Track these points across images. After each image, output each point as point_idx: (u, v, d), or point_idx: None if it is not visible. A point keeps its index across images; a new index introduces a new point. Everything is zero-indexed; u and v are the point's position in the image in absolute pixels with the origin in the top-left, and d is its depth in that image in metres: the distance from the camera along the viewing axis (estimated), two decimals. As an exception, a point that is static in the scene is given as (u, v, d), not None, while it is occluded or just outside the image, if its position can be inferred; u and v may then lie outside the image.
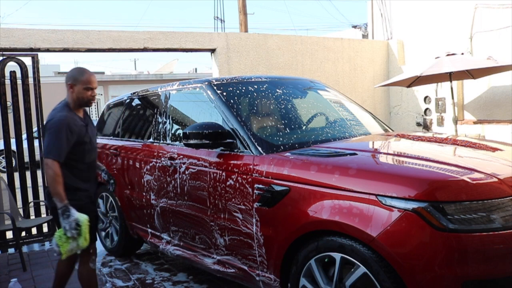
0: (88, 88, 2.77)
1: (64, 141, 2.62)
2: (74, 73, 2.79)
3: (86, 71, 2.81)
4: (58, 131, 2.62)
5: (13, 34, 5.55)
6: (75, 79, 2.76)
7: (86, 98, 2.79)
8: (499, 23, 6.91)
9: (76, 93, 2.77)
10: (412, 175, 2.06)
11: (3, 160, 12.16)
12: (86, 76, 2.77)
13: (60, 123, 2.63)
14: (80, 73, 2.78)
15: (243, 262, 2.77)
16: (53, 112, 2.76)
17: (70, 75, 2.78)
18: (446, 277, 1.87)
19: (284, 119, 3.17)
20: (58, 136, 2.61)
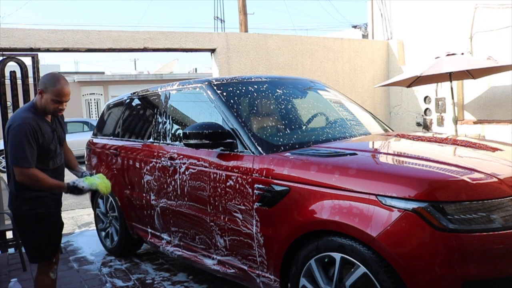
0: (56, 101, 2.55)
1: (31, 147, 2.46)
2: (46, 80, 2.55)
3: (59, 81, 2.55)
4: (21, 137, 2.44)
5: (13, 34, 5.55)
6: (46, 86, 2.54)
7: (51, 109, 2.58)
8: (499, 23, 6.91)
9: (44, 101, 2.56)
10: (412, 175, 2.06)
11: (3, 160, 12.16)
12: (58, 87, 2.53)
13: (22, 128, 2.45)
14: (52, 82, 2.53)
15: (243, 262, 2.77)
16: (17, 112, 2.59)
17: (43, 81, 2.56)
18: (446, 277, 1.87)
19: (284, 119, 3.17)
20: (22, 142, 2.44)
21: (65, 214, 6.47)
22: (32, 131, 2.47)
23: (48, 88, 2.52)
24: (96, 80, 21.68)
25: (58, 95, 2.53)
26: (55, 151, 2.67)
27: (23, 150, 2.44)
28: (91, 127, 13.65)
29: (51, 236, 2.69)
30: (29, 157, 2.45)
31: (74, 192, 2.59)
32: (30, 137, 2.46)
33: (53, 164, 2.68)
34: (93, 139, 4.91)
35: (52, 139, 2.62)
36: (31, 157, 2.46)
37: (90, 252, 4.53)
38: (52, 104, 2.55)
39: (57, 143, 2.69)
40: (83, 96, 21.15)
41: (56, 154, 2.69)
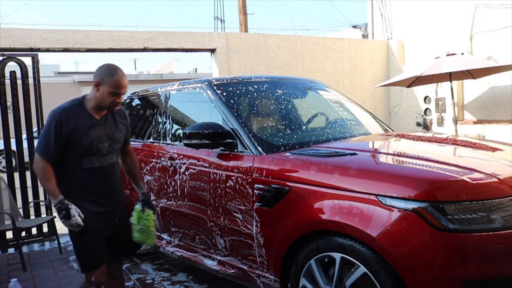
0: (113, 93, 2.35)
1: (51, 137, 2.30)
2: (103, 71, 2.37)
3: (117, 72, 2.37)
4: (48, 124, 2.33)
5: (13, 34, 5.55)
6: (102, 78, 2.35)
7: (108, 103, 2.38)
8: (499, 23, 6.91)
9: (100, 94, 2.36)
10: (412, 175, 2.06)
11: (3, 160, 12.16)
12: (116, 78, 2.35)
13: (52, 116, 2.33)
14: (110, 73, 2.35)
15: (243, 263, 2.77)
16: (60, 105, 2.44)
17: (99, 73, 2.38)
18: (446, 277, 1.87)
19: (284, 119, 3.17)
20: (46, 131, 2.33)
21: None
22: (60, 122, 2.31)
23: (105, 80, 2.34)
24: (96, 80, 21.65)
25: (116, 87, 2.35)
26: (93, 148, 2.39)
27: (43, 138, 2.33)
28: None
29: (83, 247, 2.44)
30: (44, 147, 2.32)
31: (59, 214, 2.28)
32: (54, 128, 2.31)
33: (89, 164, 2.39)
34: (93, 139, 4.90)
35: (86, 134, 2.37)
36: (46, 148, 2.32)
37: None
38: (109, 97, 2.36)
39: (98, 140, 2.41)
40: (83, 96, 21.13)
41: (94, 152, 2.40)
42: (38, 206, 5.08)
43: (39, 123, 5.04)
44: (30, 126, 5.05)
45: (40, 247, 4.89)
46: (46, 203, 5.01)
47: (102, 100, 2.38)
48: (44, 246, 4.91)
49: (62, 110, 2.35)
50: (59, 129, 2.31)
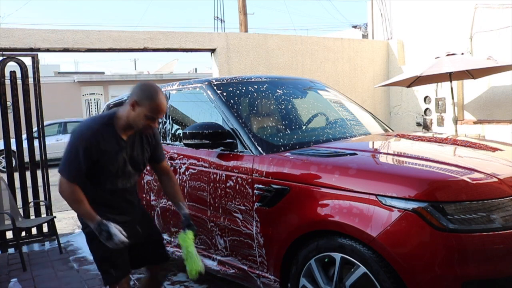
0: (150, 117, 2.19)
1: (80, 162, 2.17)
2: (143, 91, 2.20)
3: (158, 95, 2.19)
4: (76, 146, 2.17)
5: (13, 34, 5.55)
6: (142, 99, 2.17)
7: (141, 126, 2.23)
8: (499, 23, 6.91)
9: (135, 115, 2.19)
10: (412, 175, 2.06)
11: (3, 160, 12.16)
12: (157, 102, 2.17)
13: (81, 137, 2.17)
14: (150, 95, 2.18)
15: (243, 263, 2.77)
16: (90, 118, 2.31)
17: (138, 92, 2.21)
18: (446, 277, 1.87)
19: (284, 119, 3.17)
20: (73, 153, 2.17)
21: (65, 214, 6.47)
22: (90, 146, 2.17)
23: (144, 102, 2.17)
24: (96, 80, 21.67)
25: (154, 112, 2.18)
26: (118, 172, 2.30)
27: (69, 161, 2.19)
28: (91, 127, 13.63)
29: (103, 259, 2.39)
30: (72, 171, 2.19)
31: (101, 235, 2.15)
32: (84, 152, 2.16)
33: (112, 185, 2.31)
34: (93, 139, 4.90)
35: (114, 159, 2.26)
36: (74, 172, 2.19)
37: (90, 252, 4.52)
38: (145, 120, 2.20)
39: (124, 165, 2.31)
40: (83, 96, 21.15)
41: (118, 175, 2.31)
42: (38, 206, 5.08)
43: (39, 123, 5.04)
44: (30, 126, 5.05)
45: (40, 247, 4.89)
46: (46, 203, 5.01)
47: (136, 122, 2.22)
48: (44, 246, 4.91)
49: (92, 132, 2.19)
50: (88, 153, 2.17)
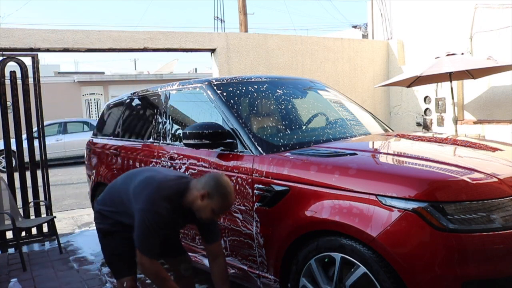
0: (216, 213, 2.29)
1: (157, 237, 2.25)
2: (217, 187, 2.26)
3: (230, 196, 2.29)
4: (153, 227, 2.22)
5: (13, 34, 5.55)
6: (213, 194, 2.25)
7: (204, 217, 2.32)
8: (499, 23, 6.91)
9: (202, 205, 2.28)
10: (412, 175, 2.06)
11: (3, 160, 12.17)
12: (227, 203, 2.28)
13: (156, 220, 2.22)
14: (223, 195, 2.26)
15: (243, 263, 2.77)
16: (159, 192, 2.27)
17: (212, 186, 2.26)
18: (446, 277, 1.87)
19: (284, 119, 3.17)
20: (152, 232, 2.23)
21: (65, 214, 6.47)
22: (164, 226, 2.27)
23: (214, 198, 2.25)
24: (96, 80, 21.68)
25: (222, 210, 2.30)
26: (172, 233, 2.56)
27: (149, 240, 2.23)
28: (91, 127, 13.67)
29: (113, 256, 2.54)
30: (153, 249, 2.25)
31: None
32: (160, 228, 2.25)
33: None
34: (93, 139, 4.91)
35: (174, 229, 2.50)
36: (154, 249, 2.26)
37: (90, 252, 4.53)
38: (210, 213, 2.29)
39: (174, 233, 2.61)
40: (83, 96, 21.16)
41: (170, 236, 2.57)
42: (38, 206, 5.08)
43: (39, 123, 5.04)
44: (30, 126, 5.05)
45: (40, 247, 4.89)
46: (46, 203, 5.01)
47: (200, 212, 2.31)
48: (44, 246, 4.91)
49: (167, 211, 2.25)
50: (162, 228, 2.27)
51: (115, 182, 2.62)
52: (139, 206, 2.25)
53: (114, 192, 2.55)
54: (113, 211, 2.50)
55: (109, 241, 2.54)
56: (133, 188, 2.36)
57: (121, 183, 2.55)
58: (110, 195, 2.56)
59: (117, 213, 2.48)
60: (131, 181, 2.44)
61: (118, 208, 2.48)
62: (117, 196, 2.49)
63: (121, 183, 2.55)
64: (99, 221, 2.57)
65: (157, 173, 2.43)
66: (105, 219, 2.54)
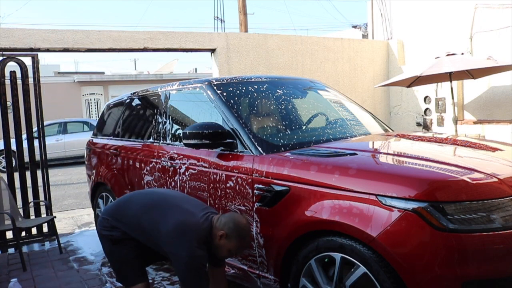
0: (232, 253, 2.40)
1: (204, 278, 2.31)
2: (237, 230, 2.33)
3: (247, 238, 2.40)
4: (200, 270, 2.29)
5: (13, 34, 5.55)
6: (233, 236, 2.33)
7: (219, 255, 2.43)
8: (499, 23, 6.91)
9: (219, 244, 2.35)
10: (412, 175, 2.06)
11: (3, 160, 12.17)
12: (244, 244, 2.39)
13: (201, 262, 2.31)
14: (242, 237, 2.35)
15: (243, 263, 2.77)
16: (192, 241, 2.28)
17: (232, 227, 2.33)
18: (446, 277, 1.87)
19: (284, 119, 3.17)
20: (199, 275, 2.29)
21: (65, 214, 6.47)
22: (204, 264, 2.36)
23: (233, 239, 2.33)
24: (96, 80, 21.68)
25: (238, 250, 2.40)
26: None
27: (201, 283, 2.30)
28: (91, 127, 13.66)
29: (122, 263, 2.54)
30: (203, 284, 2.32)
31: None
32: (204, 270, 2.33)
33: None
34: (93, 139, 4.91)
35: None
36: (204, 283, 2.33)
37: (90, 252, 4.53)
38: (227, 253, 2.39)
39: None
40: (83, 96, 21.15)
41: None
42: (38, 206, 5.08)
43: (39, 123, 5.04)
44: (30, 126, 5.05)
45: (40, 247, 4.89)
46: (46, 203, 5.01)
47: (217, 250, 2.38)
48: (44, 246, 4.91)
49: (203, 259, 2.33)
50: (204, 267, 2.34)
51: (130, 202, 2.55)
52: (180, 254, 2.27)
53: (131, 215, 2.48)
54: (127, 231, 2.47)
55: (119, 248, 2.50)
56: (166, 233, 2.33)
57: (141, 209, 2.47)
58: (124, 214, 2.50)
59: (134, 234, 2.46)
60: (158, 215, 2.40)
61: (135, 232, 2.45)
62: (136, 221, 2.44)
63: (141, 209, 2.47)
64: (108, 229, 2.51)
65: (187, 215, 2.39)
66: (115, 229, 2.50)
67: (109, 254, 2.58)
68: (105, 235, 2.53)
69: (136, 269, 2.53)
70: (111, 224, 2.52)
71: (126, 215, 2.50)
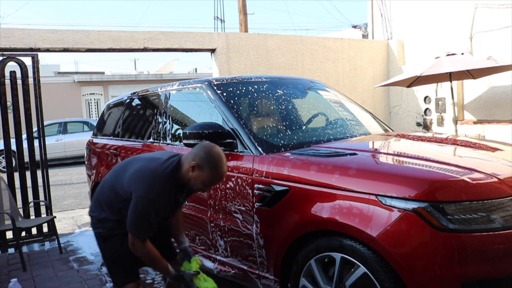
0: (206, 184, 2.24)
1: (152, 220, 2.23)
2: (208, 158, 2.19)
3: (222, 167, 2.22)
4: (147, 211, 2.19)
5: (13, 34, 5.55)
6: (204, 165, 2.18)
7: (194, 189, 2.30)
8: (499, 23, 6.91)
9: (192, 176, 2.21)
10: (412, 175, 2.06)
11: (3, 160, 12.16)
12: (219, 173, 2.21)
13: (152, 205, 2.20)
14: (215, 165, 2.19)
15: (243, 263, 2.77)
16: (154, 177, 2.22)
17: (203, 157, 2.19)
18: (446, 277, 1.87)
19: (284, 119, 3.17)
20: (146, 216, 2.20)
21: (65, 214, 6.47)
22: (159, 209, 2.24)
23: (205, 169, 2.18)
24: (96, 80, 21.68)
25: (214, 181, 2.24)
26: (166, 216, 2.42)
27: (142, 225, 2.21)
28: (91, 127, 13.66)
29: (115, 261, 2.45)
30: (145, 233, 2.23)
31: (178, 280, 2.38)
32: (155, 215, 2.23)
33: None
34: (93, 139, 4.91)
35: (170, 212, 2.40)
36: (147, 233, 2.25)
37: (90, 252, 4.53)
38: (201, 185, 2.24)
39: (169, 215, 2.45)
40: (83, 96, 21.15)
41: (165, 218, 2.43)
42: (38, 206, 5.08)
43: (39, 123, 5.04)
44: (30, 126, 5.05)
45: (40, 247, 4.89)
46: (46, 203, 5.01)
47: (190, 183, 2.25)
48: (44, 246, 4.91)
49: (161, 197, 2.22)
50: (158, 210, 2.23)
51: (104, 183, 2.50)
52: (136, 194, 2.21)
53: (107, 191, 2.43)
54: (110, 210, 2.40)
55: (108, 245, 2.44)
56: (128, 180, 2.29)
57: (112, 179, 2.44)
58: (104, 197, 2.45)
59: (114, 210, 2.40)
60: (124, 173, 2.35)
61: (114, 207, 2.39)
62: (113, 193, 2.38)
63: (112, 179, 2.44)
64: (97, 226, 2.46)
65: (149, 162, 2.34)
66: (102, 223, 2.44)
67: (101, 252, 2.52)
68: (95, 232, 2.48)
69: (127, 267, 2.47)
70: (97, 218, 2.44)
71: (105, 198, 2.44)
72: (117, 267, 2.47)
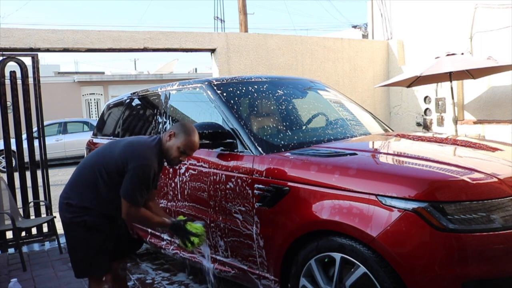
0: (181, 151, 2.48)
1: (145, 189, 2.42)
2: (182, 127, 2.50)
3: (194, 134, 2.49)
4: (143, 180, 2.39)
5: (13, 34, 5.55)
6: (179, 132, 2.48)
7: (172, 157, 2.50)
8: (499, 23, 6.91)
9: (169, 145, 2.48)
10: (412, 175, 2.06)
11: (3, 160, 12.16)
12: (192, 138, 2.47)
13: (148, 173, 2.40)
14: (188, 132, 2.48)
15: (243, 263, 2.77)
16: (145, 149, 2.44)
17: (178, 126, 2.52)
18: (446, 277, 1.87)
19: (284, 119, 3.17)
20: (142, 183, 2.39)
21: (65, 214, 6.46)
22: (153, 177, 2.45)
23: (180, 135, 2.47)
24: (96, 80, 21.68)
25: (186, 146, 2.47)
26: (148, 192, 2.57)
27: (138, 190, 2.38)
28: (91, 127, 13.66)
29: (98, 252, 2.47)
30: (140, 199, 2.40)
31: (177, 230, 2.55)
32: (149, 183, 2.44)
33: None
34: (93, 139, 4.91)
35: (155, 185, 2.62)
36: (142, 199, 2.42)
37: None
38: (176, 152, 2.47)
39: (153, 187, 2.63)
40: (83, 96, 21.15)
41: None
42: (38, 206, 5.08)
43: (39, 123, 5.04)
44: (30, 126, 5.05)
45: (40, 247, 4.89)
46: (46, 203, 5.01)
47: (168, 151, 2.49)
48: (44, 246, 4.91)
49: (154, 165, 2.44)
50: (153, 176, 2.46)
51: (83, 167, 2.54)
52: (134, 162, 2.37)
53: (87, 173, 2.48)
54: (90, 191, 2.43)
55: (94, 235, 2.42)
56: (120, 153, 2.43)
57: (92, 161, 2.52)
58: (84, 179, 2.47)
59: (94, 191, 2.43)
60: (112, 150, 2.48)
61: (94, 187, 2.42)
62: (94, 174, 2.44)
63: (92, 161, 2.52)
64: (80, 214, 2.41)
65: (136, 138, 2.63)
66: (88, 211, 2.42)
67: (82, 243, 2.45)
68: (78, 221, 2.42)
69: (108, 258, 2.53)
70: (80, 206, 2.42)
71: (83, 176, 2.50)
72: (101, 257, 2.48)
